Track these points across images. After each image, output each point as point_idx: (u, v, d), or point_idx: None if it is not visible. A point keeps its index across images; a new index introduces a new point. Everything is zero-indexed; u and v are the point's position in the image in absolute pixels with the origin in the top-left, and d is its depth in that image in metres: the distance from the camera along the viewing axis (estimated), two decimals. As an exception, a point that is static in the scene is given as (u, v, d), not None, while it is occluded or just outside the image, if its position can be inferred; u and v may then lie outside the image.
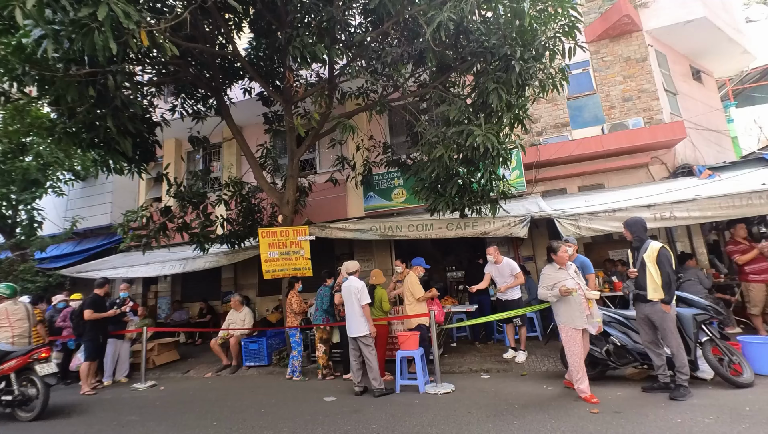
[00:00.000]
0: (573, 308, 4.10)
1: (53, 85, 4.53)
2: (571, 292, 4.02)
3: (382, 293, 5.72)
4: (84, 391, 6.16)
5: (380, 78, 6.83)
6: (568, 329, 4.13)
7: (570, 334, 4.13)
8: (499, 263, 5.96)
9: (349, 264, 5.37)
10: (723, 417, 3.37)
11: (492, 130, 5.08)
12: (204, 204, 7.67)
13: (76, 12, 3.52)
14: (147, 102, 6.88)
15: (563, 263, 4.28)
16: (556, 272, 4.26)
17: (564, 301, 4.14)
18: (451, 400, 4.47)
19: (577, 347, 4.09)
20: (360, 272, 5.38)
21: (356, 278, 5.15)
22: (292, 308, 6.21)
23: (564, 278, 4.18)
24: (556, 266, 4.29)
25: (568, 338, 4.14)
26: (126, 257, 9.73)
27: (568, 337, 4.15)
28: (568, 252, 4.38)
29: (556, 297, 4.14)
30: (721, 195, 5.38)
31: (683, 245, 7.58)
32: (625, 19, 8.05)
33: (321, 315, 6.02)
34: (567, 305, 4.14)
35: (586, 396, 4.03)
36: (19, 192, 9.43)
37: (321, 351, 6.01)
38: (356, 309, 4.97)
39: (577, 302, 4.08)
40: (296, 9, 5.85)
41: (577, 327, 4.08)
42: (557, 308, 4.26)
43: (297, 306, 6.21)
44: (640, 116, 8.04)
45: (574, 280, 4.19)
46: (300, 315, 6.27)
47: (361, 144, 8.12)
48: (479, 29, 5.17)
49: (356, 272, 5.27)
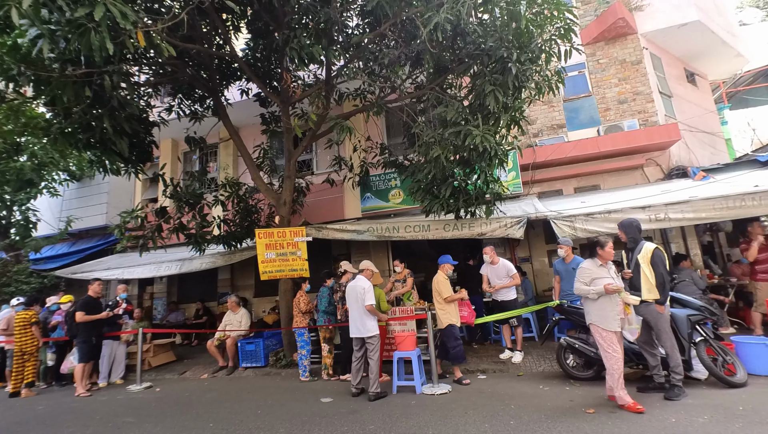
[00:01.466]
0: (607, 309, 3.86)
1: (49, 85, 4.51)
2: (619, 291, 3.80)
3: (380, 293, 5.72)
4: (79, 393, 6.11)
5: (377, 79, 6.85)
6: (601, 330, 3.89)
7: (603, 335, 3.89)
8: (495, 264, 6.00)
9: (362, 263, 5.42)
10: (717, 417, 3.40)
11: (489, 131, 5.11)
12: (201, 205, 7.65)
13: (72, 12, 3.50)
14: (144, 102, 6.86)
15: (608, 259, 4.02)
16: (597, 269, 3.99)
17: (601, 300, 3.89)
18: (447, 401, 4.49)
19: (614, 348, 3.82)
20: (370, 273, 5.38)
21: (363, 278, 5.15)
22: (300, 307, 6.17)
23: (604, 275, 3.94)
24: (598, 262, 4.02)
25: (602, 339, 3.89)
26: (122, 258, 9.68)
27: (602, 339, 3.89)
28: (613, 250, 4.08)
29: (598, 294, 3.87)
30: (715, 197, 5.43)
31: (678, 246, 7.64)
32: (620, 22, 8.12)
33: (323, 316, 5.99)
34: (601, 305, 3.88)
35: (628, 404, 3.72)
36: (13, 192, 9.36)
37: (326, 351, 5.97)
38: (361, 310, 4.97)
39: (613, 304, 3.85)
40: (294, 10, 5.86)
41: (610, 329, 3.84)
42: (590, 306, 4.01)
43: (305, 306, 6.17)
44: (635, 118, 8.11)
45: (614, 280, 3.94)
46: (308, 315, 6.22)
47: (359, 145, 8.14)
48: (476, 31, 5.19)
49: (365, 271, 5.27)
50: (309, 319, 6.26)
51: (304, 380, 5.91)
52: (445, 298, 5.11)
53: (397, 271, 6.68)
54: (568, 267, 5.72)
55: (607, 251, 3.99)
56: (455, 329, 5.11)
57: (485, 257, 6.09)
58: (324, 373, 5.97)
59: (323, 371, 6.01)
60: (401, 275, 6.66)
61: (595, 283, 3.91)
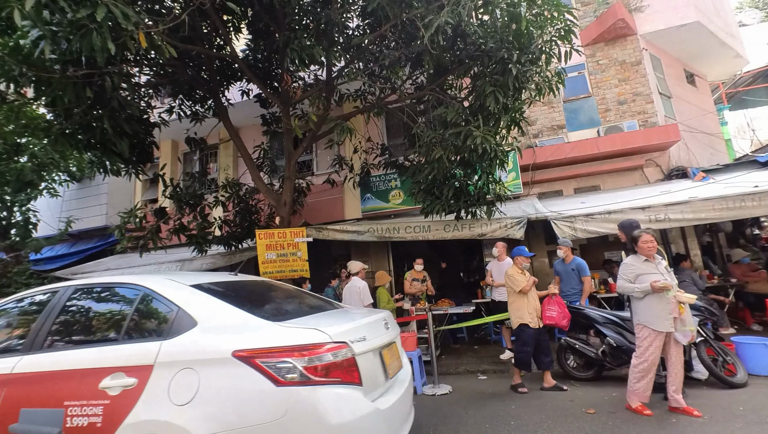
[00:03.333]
0: (657, 308, 3.57)
1: (50, 86, 4.51)
2: (667, 289, 3.47)
3: (381, 293, 5.70)
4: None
5: (378, 80, 6.86)
6: (647, 330, 3.62)
7: (645, 335, 3.62)
8: (502, 261, 6.00)
9: (352, 265, 5.38)
10: (717, 417, 3.41)
11: (490, 132, 5.12)
12: (202, 206, 7.66)
13: (74, 13, 3.51)
14: (144, 103, 6.87)
15: (650, 254, 3.73)
16: (642, 264, 3.74)
17: (649, 298, 3.62)
18: (448, 401, 4.49)
19: (650, 351, 3.59)
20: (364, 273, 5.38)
21: (358, 279, 5.16)
22: None
23: (651, 271, 3.67)
24: (642, 257, 3.77)
25: (642, 339, 3.64)
26: (121, 259, 9.67)
27: (644, 339, 3.63)
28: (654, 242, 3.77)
29: (643, 292, 3.61)
30: (714, 197, 5.45)
31: (677, 246, 7.65)
32: (619, 23, 8.14)
33: None
34: (649, 304, 3.62)
35: (683, 407, 3.56)
36: (13, 193, 9.35)
37: None
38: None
39: (663, 302, 3.55)
40: (294, 11, 5.87)
41: (658, 330, 3.56)
42: (636, 305, 3.75)
43: None
44: (635, 119, 8.12)
45: (664, 276, 3.64)
46: None
47: (359, 146, 8.14)
48: (476, 33, 5.20)
49: (359, 273, 5.28)
50: None
51: None
52: (519, 290, 4.62)
53: (418, 269, 6.62)
54: (568, 268, 5.74)
55: (640, 246, 3.74)
56: (526, 331, 4.57)
57: (494, 251, 6.09)
58: None
59: None
60: (420, 275, 6.62)
61: (641, 280, 3.66)
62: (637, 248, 3.78)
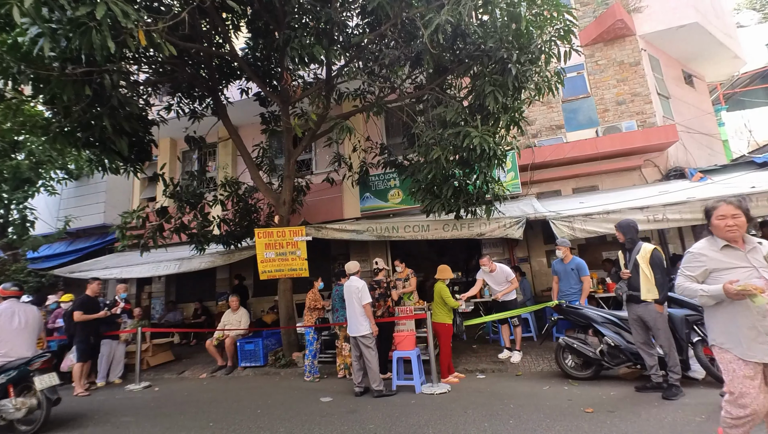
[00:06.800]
0: (741, 323, 2.26)
1: (49, 84, 4.50)
2: (752, 295, 2.11)
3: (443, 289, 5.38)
4: (77, 392, 6.10)
5: (377, 79, 6.86)
6: (729, 355, 2.33)
7: (727, 360, 2.33)
8: (494, 272, 5.93)
9: (350, 265, 5.38)
10: (714, 416, 3.42)
11: (488, 132, 5.13)
12: (202, 204, 7.65)
13: (74, 10, 3.50)
14: (143, 101, 6.85)
15: (731, 237, 2.35)
16: (718, 253, 2.39)
17: (726, 307, 2.32)
18: (447, 400, 4.50)
19: (736, 382, 2.26)
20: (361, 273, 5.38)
21: (357, 278, 5.17)
22: (308, 305, 6.10)
23: (733, 264, 2.32)
24: (720, 241, 2.40)
25: (725, 371, 2.36)
26: (119, 257, 9.65)
27: (724, 368, 2.37)
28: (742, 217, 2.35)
29: (714, 298, 2.31)
30: (712, 198, 5.45)
31: (675, 247, 7.69)
32: (618, 24, 8.16)
33: (342, 314, 5.77)
34: (728, 316, 2.32)
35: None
36: (11, 191, 9.32)
37: (347, 350, 5.83)
38: (357, 309, 4.98)
39: (752, 313, 2.22)
40: (294, 10, 5.87)
41: (748, 359, 2.23)
42: (710, 317, 2.47)
43: (311, 303, 6.07)
44: (633, 119, 8.15)
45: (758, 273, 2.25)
46: (315, 312, 6.07)
47: (358, 145, 8.15)
48: (476, 32, 5.21)
49: (357, 273, 5.28)
50: (317, 317, 6.13)
51: (306, 380, 5.86)
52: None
53: (398, 270, 6.68)
54: (567, 267, 5.75)
55: (716, 223, 2.40)
56: None
57: (483, 268, 5.98)
58: (344, 372, 5.86)
59: (342, 370, 5.91)
60: (403, 274, 6.65)
61: (715, 278, 2.37)
62: (712, 228, 2.46)
